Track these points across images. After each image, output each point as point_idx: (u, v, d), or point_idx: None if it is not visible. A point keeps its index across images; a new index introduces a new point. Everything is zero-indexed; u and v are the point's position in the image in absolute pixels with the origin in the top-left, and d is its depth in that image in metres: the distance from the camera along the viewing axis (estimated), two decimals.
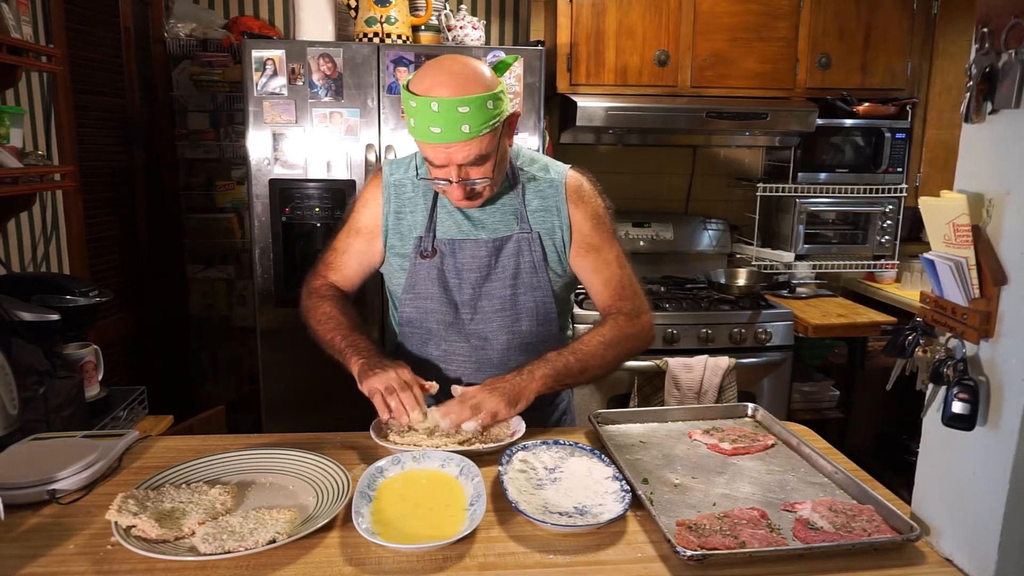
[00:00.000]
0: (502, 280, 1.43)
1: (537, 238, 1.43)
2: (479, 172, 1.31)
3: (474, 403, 1.27)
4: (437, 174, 1.32)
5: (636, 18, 2.86)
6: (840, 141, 3.10)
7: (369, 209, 1.49)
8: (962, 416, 0.91)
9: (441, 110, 1.22)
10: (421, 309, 1.46)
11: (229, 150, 3.21)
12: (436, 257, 1.43)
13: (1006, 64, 0.87)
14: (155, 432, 1.86)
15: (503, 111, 1.28)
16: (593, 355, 1.38)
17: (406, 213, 1.46)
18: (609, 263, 1.47)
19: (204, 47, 3.08)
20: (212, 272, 3.32)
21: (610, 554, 0.98)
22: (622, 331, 1.43)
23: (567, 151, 3.25)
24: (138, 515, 0.98)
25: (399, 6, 2.58)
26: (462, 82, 1.24)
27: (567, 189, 1.46)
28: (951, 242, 0.92)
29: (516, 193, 1.45)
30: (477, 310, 1.44)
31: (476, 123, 1.23)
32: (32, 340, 1.53)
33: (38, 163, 1.95)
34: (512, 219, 1.44)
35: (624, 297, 1.47)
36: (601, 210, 1.49)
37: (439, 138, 1.25)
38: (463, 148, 1.26)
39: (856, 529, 1.01)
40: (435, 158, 1.30)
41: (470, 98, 1.22)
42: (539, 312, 1.46)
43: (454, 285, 1.44)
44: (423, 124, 1.24)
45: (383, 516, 1.03)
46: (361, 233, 1.50)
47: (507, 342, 1.45)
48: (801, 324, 2.77)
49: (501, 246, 1.43)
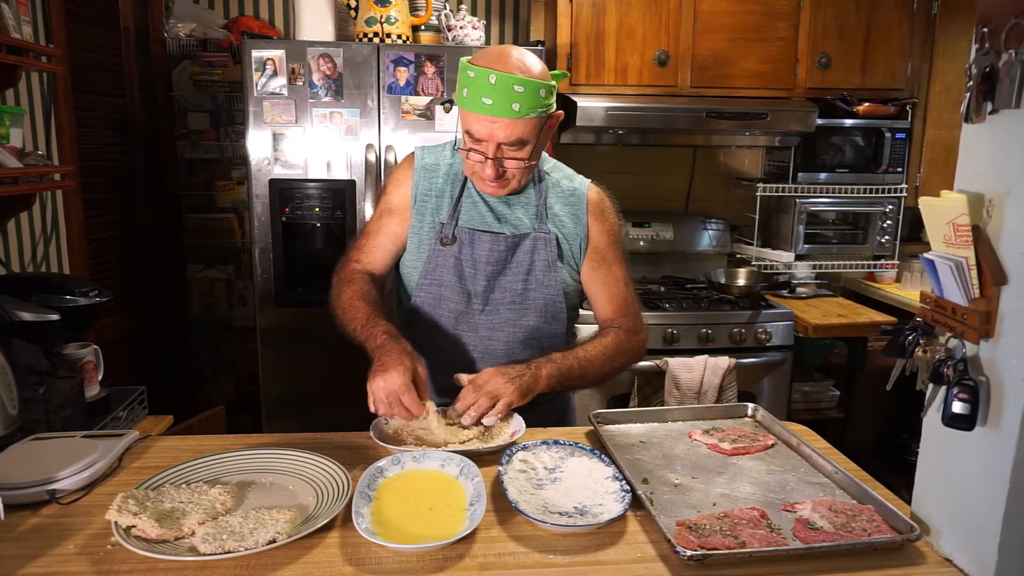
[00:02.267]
0: (515, 275, 1.47)
1: (554, 239, 1.47)
2: (515, 155, 1.35)
3: (491, 391, 1.28)
4: (475, 148, 1.35)
5: (636, 18, 2.86)
6: (840, 141, 3.10)
7: (400, 190, 1.52)
8: (962, 416, 0.91)
9: (498, 84, 1.27)
10: (435, 296, 1.48)
11: (229, 150, 3.22)
12: (455, 246, 1.46)
13: (1006, 64, 0.87)
14: (155, 432, 1.86)
15: (551, 105, 1.36)
16: (593, 363, 1.42)
17: (432, 197, 1.50)
18: (618, 280, 1.53)
19: (204, 47, 3.08)
20: (212, 272, 3.32)
21: (610, 554, 0.98)
22: (621, 345, 1.47)
23: (567, 151, 3.25)
24: (138, 515, 0.98)
25: (399, 6, 2.58)
26: (522, 65, 1.31)
27: (589, 202, 1.51)
28: (951, 242, 0.92)
29: (540, 194, 1.49)
30: (488, 301, 1.47)
31: (527, 105, 1.29)
32: (32, 340, 1.53)
33: (38, 163, 1.95)
34: (534, 217, 1.49)
35: (627, 314, 1.52)
36: (617, 228, 1.55)
37: (489, 110, 1.29)
38: (508, 126, 1.31)
39: (856, 529, 1.01)
40: (479, 131, 1.33)
41: (527, 80, 1.29)
42: (547, 309, 1.49)
43: (469, 275, 1.47)
44: (476, 95, 1.29)
45: (383, 516, 1.03)
46: (394, 213, 1.52)
47: (513, 335, 1.48)
48: (801, 324, 2.77)
49: (519, 242, 1.46)
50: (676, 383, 2.59)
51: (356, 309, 1.41)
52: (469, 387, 1.30)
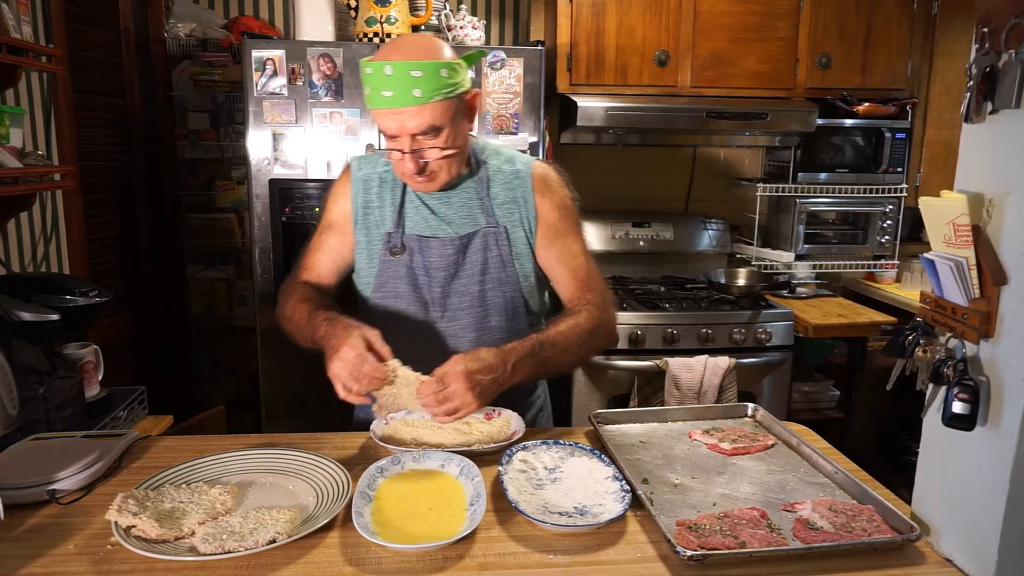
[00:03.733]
0: (470, 277, 1.41)
1: (504, 232, 1.42)
2: (433, 144, 1.29)
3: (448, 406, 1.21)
4: (391, 146, 1.31)
5: (636, 18, 2.86)
6: (840, 141, 3.10)
7: (339, 204, 1.48)
8: (962, 416, 0.91)
9: (395, 73, 1.22)
10: (391, 308, 1.44)
11: (229, 150, 3.21)
12: (405, 254, 1.42)
13: (1006, 64, 0.87)
14: (155, 432, 1.86)
15: (459, 84, 1.28)
16: (567, 350, 1.34)
17: (373, 208, 1.45)
18: (575, 253, 1.45)
19: (204, 47, 3.08)
20: (212, 272, 3.32)
21: (610, 554, 0.98)
22: (592, 323, 1.38)
23: (567, 151, 3.25)
24: (138, 515, 0.98)
25: (399, 6, 2.58)
26: (418, 50, 1.25)
27: (533, 179, 1.44)
28: (951, 242, 0.92)
29: (481, 186, 1.43)
30: (447, 308, 1.43)
31: (428, 88, 1.23)
32: (32, 340, 1.53)
33: (38, 163, 1.95)
34: (478, 213, 1.43)
35: (591, 288, 1.44)
36: (568, 201, 1.47)
37: (391, 102, 1.24)
38: (415, 114, 1.25)
39: (856, 529, 1.01)
40: (387, 126, 1.28)
41: (423, 63, 1.22)
42: (508, 307, 1.44)
43: (423, 283, 1.42)
44: (377, 90, 1.24)
45: (383, 516, 1.03)
46: (333, 228, 1.48)
47: (477, 339, 1.42)
48: (801, 324, 2.77)
49: (468, 242, 1.41)
50: (676, 383, 2.59)
51: (298, 312, 1.38)
52: (431, 384, 1.21)
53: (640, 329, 2.65)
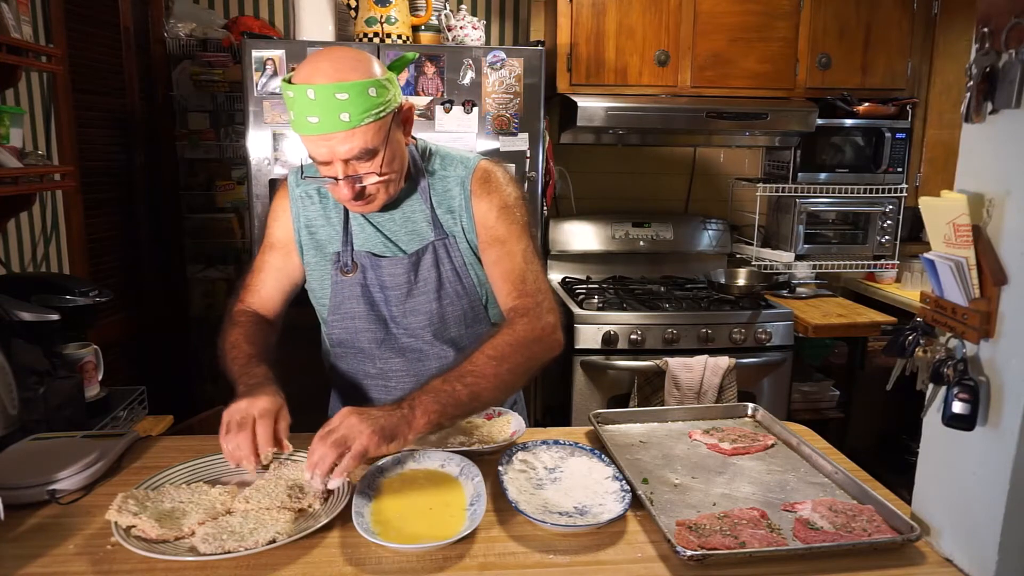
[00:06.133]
0: (426, 295, 1.34)
1: (454, 242, 1.34)
2: (368, 169, 1.20)
3: (337, 437, 1.04)
4: (324, 172, 1.21)
5: (636, 18, 2.86)
6: (840, 141, 3.10)
7: (280, 222, 1.41)
8: (962, 416, 0.91)
9: (318, 98, 1.12)
10: (350, 329, 1.38)
11: (229, 150, 3.21)
12: (358, 272, 1.35)
13: (1006, 64, 0.87)
14: (155, 432, 1.86)
15: (390, 101, 1.19)
16: (484, 377, 1.17)
17: (318, 227, 1.39)
18: (513, 255, 1.32)
19: (204, 47, 3.08)
20: (212, 272, 3.32)
21: (610, 554, 0.98)
22: (517, 338, 1.22)
23: (567, 151, 3.25)
24: (138, 515, 0.98)
25: (399, 6, 2.58)
26: (341, 69, 1.14)
27: (472, 181, 1.34)
28: (951, 242, 0.92)
29: (423, 198, 1.35)
30: (407, 326, 1.37)
31: (357, 111, 1.14)
32: (32, 340, 1.53)
33: (38, 163, 1.95)
34: (424, 227, 1.35)
35: (525, 293, 1.29)
36: (510, 200, 1.35)
37: (317, 128, 1.14)
38: (345, 140, 1.16)
39: (856, 529, 1.01)
40: (317, 153, 1.19)
41: (349, 84, 1.12)
42: (467, 317, 1.38)
43: (380, 300, 1.36)
44: (302, 115, 1.14)
45: (383, 516, 1.03)
46: (275, 248, 1.42)
47: (441, 352, 1.38)
48: (801, 324, 2.77)
49: (418, 260, 1.34)
50: (676, 383, 2.59)
51: (238, 350, 1.34)
52: (317, 438, 1.06)
53: (640, 329, 2.65)
